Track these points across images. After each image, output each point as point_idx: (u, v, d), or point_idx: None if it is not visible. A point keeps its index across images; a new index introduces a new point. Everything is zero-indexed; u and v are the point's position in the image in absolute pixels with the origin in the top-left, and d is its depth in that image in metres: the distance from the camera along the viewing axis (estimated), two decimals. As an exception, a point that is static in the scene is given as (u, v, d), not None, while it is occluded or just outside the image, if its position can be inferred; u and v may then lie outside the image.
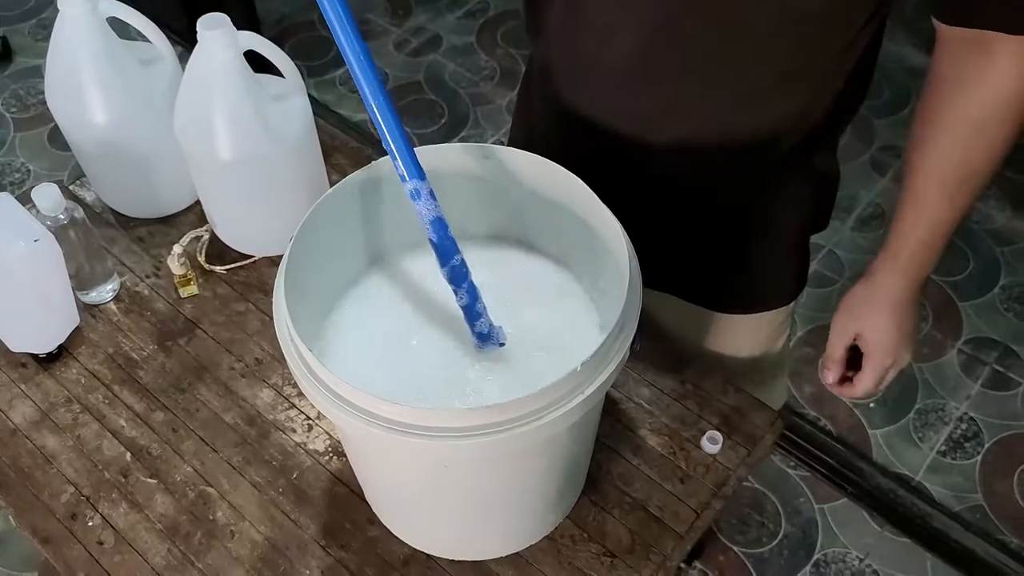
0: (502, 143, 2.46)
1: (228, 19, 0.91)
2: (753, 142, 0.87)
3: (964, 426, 1.75)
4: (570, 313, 0.80)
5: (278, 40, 2.54)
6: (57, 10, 0.97)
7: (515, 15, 2.64)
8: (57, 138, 2.29)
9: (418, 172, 0.70)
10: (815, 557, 1.59)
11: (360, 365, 0.77)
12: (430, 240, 0.71)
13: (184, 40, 2.56)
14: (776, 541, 1.61)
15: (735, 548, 1.60)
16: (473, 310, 0.73)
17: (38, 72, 2.46)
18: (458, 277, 0.72)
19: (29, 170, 2.24)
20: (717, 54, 0.79)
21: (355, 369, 0.76)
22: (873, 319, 0.89)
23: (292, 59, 1.00)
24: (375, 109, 0.68)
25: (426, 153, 0.79)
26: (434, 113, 2.38)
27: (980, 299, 1.94)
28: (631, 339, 0.67)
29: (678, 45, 0.79)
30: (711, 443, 0.92)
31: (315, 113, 1.03)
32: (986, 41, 0.73)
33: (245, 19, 2.38)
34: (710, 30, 0.77)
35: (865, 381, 0.91)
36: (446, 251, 0.71)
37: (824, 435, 1.73)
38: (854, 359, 0.93)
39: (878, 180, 2.16)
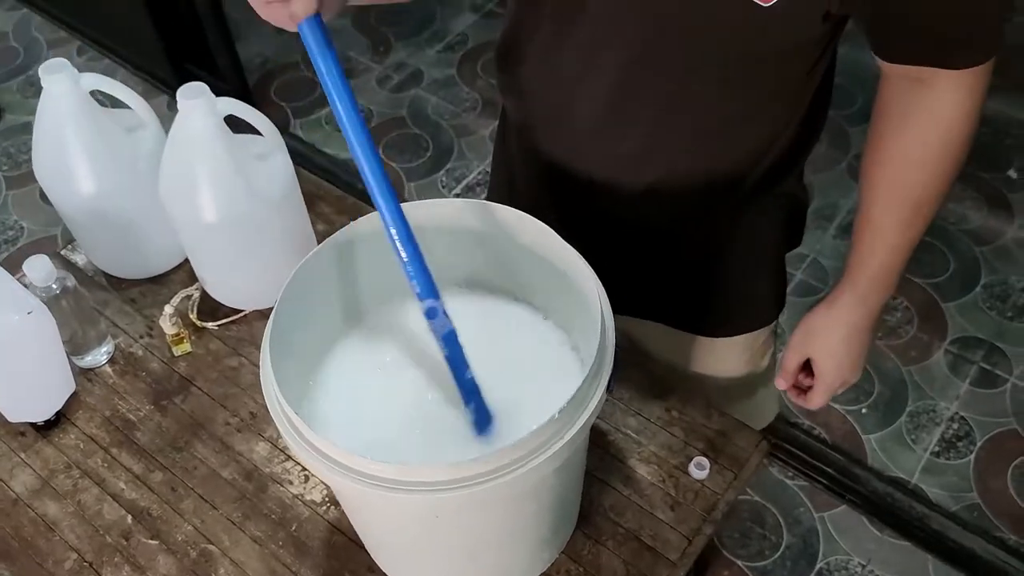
0: (487, 172, 2.48)
1: (207, 88, 0.94)
2: (723, 175, 0.90)
3: (956, 426, 1.77)
4: (550, 358, 0.83)
5: (263, 82, 2.58)
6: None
7: (493, 47, 2.67)
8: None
9: (434, 292, 0.73)
10: (818, 566, 1.61)
11: (347, 419, 0.79)
12: (444, 355, 0.75)
13: (168, 87, 2.60)
14: (779, 553, 1.63)
15: (739, 562, 1.62)
16: (481, 415, 0.77)
17: (27, 129, 2.49)
18: (470, 392, 0.76)
19: (23, 227, 2.27)
20: (683, 95, 0.82)
21: (342, 423, 0.79)
22: (828, 347, 0.93)
23: (277, 101, 1.03)
24: (395, 237, 0.71)
25: (412, 209, 0.82)
26: (419, 147, 2.41)
27: (963, 299, 1.96)
28: (607, 382, 0.69)
29: (645, 91, 0.82)
30: (699, 469, 0.95)
31: (301, 155, 1.06)
32: (926, 76, 0.76)
33: (229, 63, 2.41)
34: (674, 75, 0.80)
35: (815, 399, 0.97)
36: (458, 365, 0.75)
37: (819, 443, 1.75)
38: (810, 367, 0.97)
39: (855, 187, 2.19)
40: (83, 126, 1.02)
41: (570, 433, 0.67)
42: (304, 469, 0.98)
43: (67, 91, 1.00)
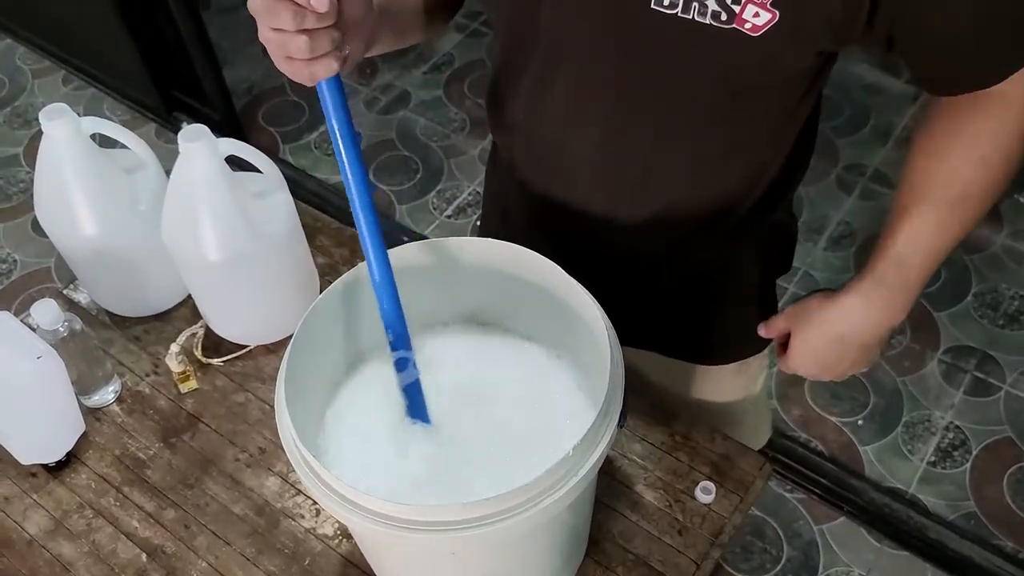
0: (477, 192, 2.49)
1: (208, 130, 0.95)
2: (717, 205, 0.91)
3: (951, 435, 1.79)
4: (558, 393, 0.84)
5: (250, 108, 2.59)
6: (32, 100, 1.01)
7: (481, 65, 2.70)
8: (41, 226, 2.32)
9: (406, 344, 0.81)
10: (819, 578, 1.63)
11: (360, 457, 0.81)
12: (405, 399, 0.83)
13: (155, 115, 2.61)
14: (780, 566, 1.64)
15: (741, 577, 1.63)
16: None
17: (16, 161, 2.50)
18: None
19: (15, 260, 2.27)
20: (676, 129, 0.83)
21: (354, 461, 0.80)
22: (809, 340, 0.91)
23: (265, 126, 1.04)
24: (378, 287, 0.78)
25: (409, 251, 0.83)
26: (408, 169, 2.42)
27: (954, 308, 1.99)
28: (618, 417, 0.71)
29: (638, 126, 0.84)
30: (705, 493, 0.96)
31: (291, 180, 1.07)
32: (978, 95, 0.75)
33: (216, 89, 2.42)
34: (666, 109, 0.81)
35: (783, 364, 0.97)
36: (417, 409, 0.83)
37: (816, 456, 1.77)
38: None
39: (845, 199, 2.22)
40: (84, 169, 1.03)
41: (584, 469, 0.68)
42: (315, 503, 0.99)
43: (68, 136, 1.01)
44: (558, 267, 0.79)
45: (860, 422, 1.82)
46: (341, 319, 0.84)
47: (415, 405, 0.84)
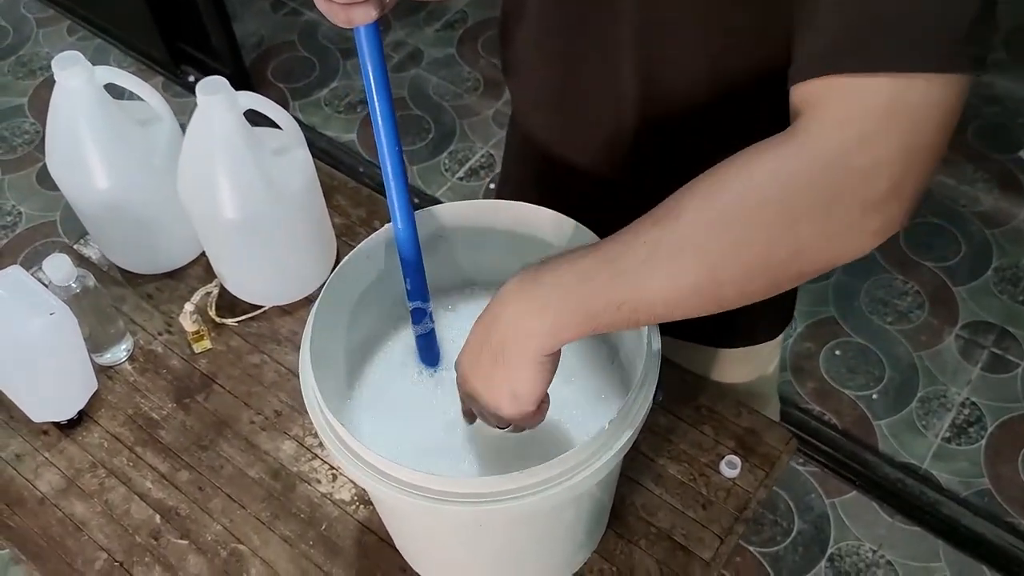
0: (491, 155, 2.45)
1: (227, 83, 0.92)
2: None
3: (967, 411, 1.78)
4: (590, 367, 0.82)
5: (259, 63, 2.54)
6: (36, 49, 0.97)
7: (493, 24, 2.64)
8: (47, 178, 2.29)
9: (424, 295, 0.80)
10: (829, 551, 1.62)
11: (387, 426, 0.79)
12: (418, 348, 0.83)
13: (162, 68, 2.56)
14: (790, 538, 1.64)
15: (751, 548, 1.63)
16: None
17: (22, 111, 2.46)
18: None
19: (20, 213, 2.24)
20: (674, 84, 0.76)
21: (382, 431, 0.78)
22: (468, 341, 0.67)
23: (275, 82, 1.01)
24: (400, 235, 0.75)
25: (442, 211, 0.80)
26: (420, 128, 2.38)
27: (974, 283, 1.96)
28: (653, 392, 0.69)
29: (656, 61, 0.76)
30: (730, 467, 0.94)
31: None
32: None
33: (225, 43, 2.37)
34: (673, 53, 0.74)
35: None
36: (428, 356, 0.82)
37: (830, 429, 1.76)
38: None
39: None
40: (98, 121, 0.99)
41: (618, 444, 0.66)
42: (332, 468, 0.97)
43: (81, 86, 0.97)
44: (591, 232, 0.77)
45: (875, 396, 1.80)
46: (371, 280, 0.81)
47: (426, 352, 0.82)
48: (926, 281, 1.96)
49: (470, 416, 0.73)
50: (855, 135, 0.51)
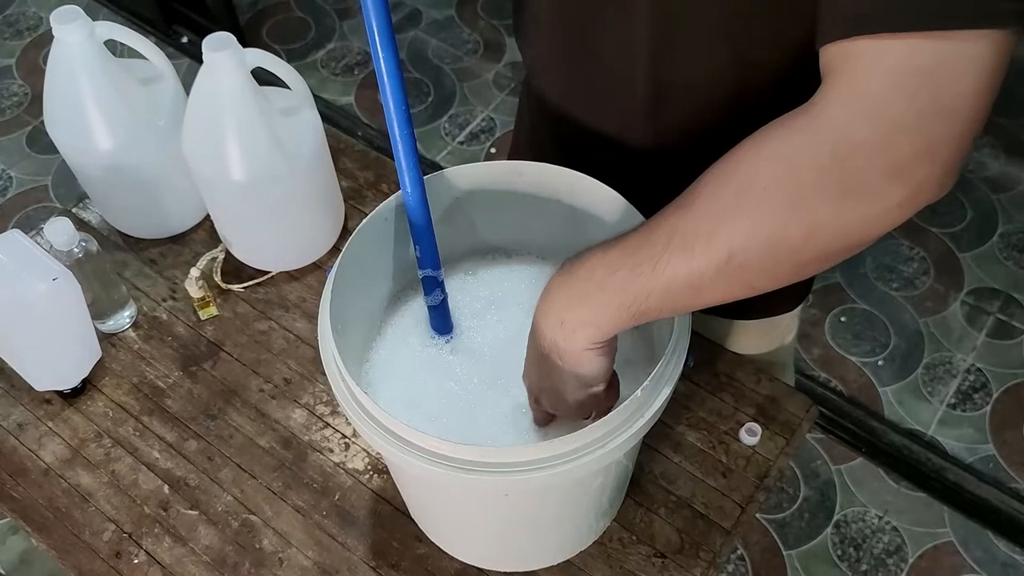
0: (491, 119, 2.41)
1: (234, 39, 0.88)
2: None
3: (972, 378, 1.77)
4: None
5: (254, 23, 2.48)
6: (24, 9, 0.94)
7: (494, -16, 2.59)
8: (37, 141, 2.24)
9: (435, 263, 0.76)
10: (835, 518, 1.62)
11: (407, 392, 0.76)
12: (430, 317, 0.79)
13: (156, 30, 2.50)
14: (796, 505, 1.63)
15: (757, 515, 1.62)
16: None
17: (9, 73, 2.40)
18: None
19: (11, 177, 2.19)
20: (686, 40, 0.72)
21: (402, 397, 0.76)
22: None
23: (270, 43, 0.98)
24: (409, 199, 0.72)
25: (460, 172, 0.78)
26: (420, 92, 2.34)
27: (979, 249, 1.95)
28: (684, 358, 0.67)
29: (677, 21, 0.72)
30: (750, 435, 0.93)
31: None
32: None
33: (220, 3, 2.32)
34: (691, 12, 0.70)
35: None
36: (440, 324, 0.80)
37: (836, 396, 1.75)
38: None
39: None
40: (99, 78, 0.96)
41: (650, 412, 0.65)
42: (345, 437, 0.95)
43: (81, 41, 0.93)
44: (616, 194, 0.74)
45: (880, 363, 1.80)
46: (388, 243, 0.79)
47: (438, 320, 0.79)
48: (932, 247, 1.95)
49: (544, 419, 0.73)
50: (861, 104, 0.49)
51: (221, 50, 0.87)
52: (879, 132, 0.48)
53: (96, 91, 0.95)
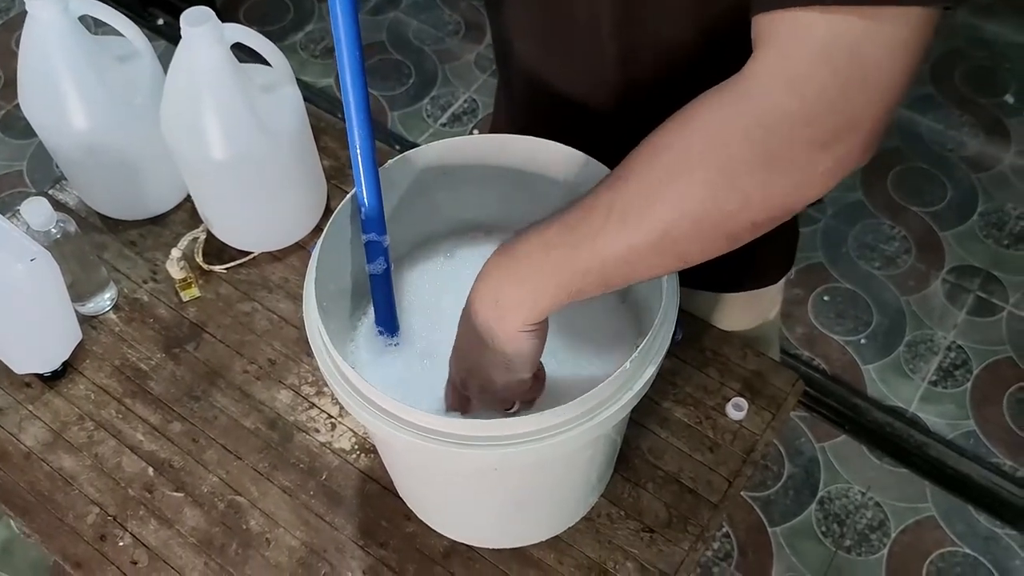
0: (473, 100, 2.40)
1: (213, 13, 0.87)
2: None
3: (953, 355, 1.79)
4: (600, 307, 0.79)
5: (231, 5, 2.45)
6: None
7: (474, -35, 2.57)
8: (12, 126, 2.21)
9: (380, 227, 0.72)
10: (819, 494, 1.63)
11: (393, 371, 0.76)
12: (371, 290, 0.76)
13: (131, 11, 2.45)
14: (781, 483, 1.65)
15: (742, 493, 1.63)
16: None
17: (-18, 57, 2.35)
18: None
19: (-15, 163, 2.15)
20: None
21: (389, 375, 0.75)
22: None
23: (247, 24, 0.94)
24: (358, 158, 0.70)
25: (442, 147, 0.77)
26: (401, 74, 2.32)
27: (960, 227, 1.96)
28: (672, 330, 0.67)
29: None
30: (736, 410, 0.93)
31: None
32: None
33: (196, -15, 2.28)
34: None
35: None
36: (382, 315, 0.77)
37: (819, 374, 1.76)
38: None
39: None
40: (74, 55, 0.94)
41: (638, 384, 0.64)
42: (330, 416, 0.94)
43: (55, 17, 0.91)
44: (602, 165, 0.73)
45: (863, 341, 1.81)
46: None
47: (381, 308, 0.75)
48: (913, 226, 1.96)
49: (462, 405, 0.72)
50: (786, 77, 0.50)
51: (199, 25, 0.86)
52: (804, 104, 0.49)
53: (71, 68, 0.93)
